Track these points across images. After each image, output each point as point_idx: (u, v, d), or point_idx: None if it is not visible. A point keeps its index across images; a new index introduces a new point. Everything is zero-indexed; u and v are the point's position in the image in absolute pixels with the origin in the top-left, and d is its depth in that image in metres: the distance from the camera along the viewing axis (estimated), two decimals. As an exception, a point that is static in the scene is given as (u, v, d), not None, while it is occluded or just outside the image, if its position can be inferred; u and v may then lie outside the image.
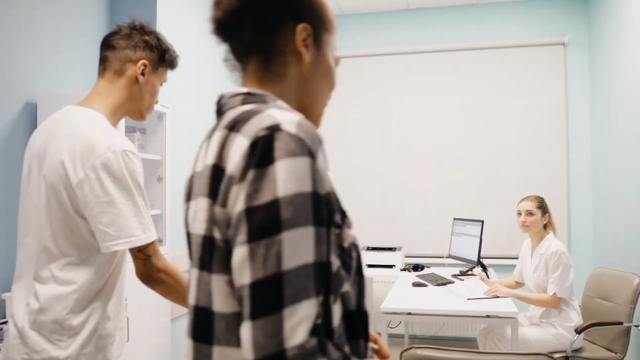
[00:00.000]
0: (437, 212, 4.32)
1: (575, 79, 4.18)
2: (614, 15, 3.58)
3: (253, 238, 0.61)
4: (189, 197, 0.78)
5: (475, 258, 3.49)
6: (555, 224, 3.08)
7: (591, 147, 4.10)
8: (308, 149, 0.63)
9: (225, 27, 0.79)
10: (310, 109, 0.82)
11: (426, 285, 3.20)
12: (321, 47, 0.81)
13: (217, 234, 0.67)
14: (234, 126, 0.68)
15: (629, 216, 3.30)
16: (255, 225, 0.61)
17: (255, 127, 0.65)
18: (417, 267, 3.90)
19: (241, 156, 0.64)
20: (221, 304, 0.67)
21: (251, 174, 0.62)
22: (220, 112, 0.78)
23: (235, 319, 0.66)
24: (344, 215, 0.72)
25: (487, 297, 2.82)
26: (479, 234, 3.48)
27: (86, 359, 1.24)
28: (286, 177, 0.61)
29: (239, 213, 0.63)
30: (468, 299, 2.78)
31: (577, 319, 2.87)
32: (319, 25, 0.80)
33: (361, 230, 4.34)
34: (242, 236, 0.62)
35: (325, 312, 0.65)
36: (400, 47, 4.47)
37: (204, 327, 0.69)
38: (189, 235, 0.78)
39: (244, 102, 0.75)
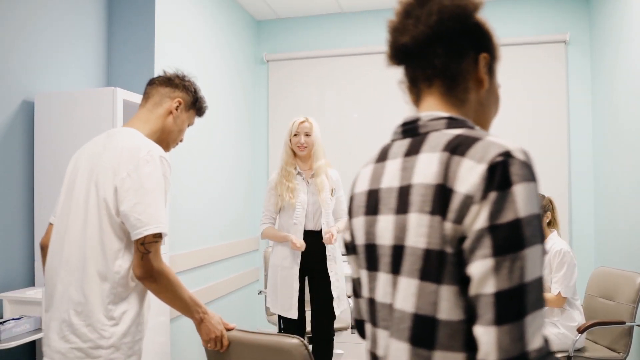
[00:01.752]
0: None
1: (576, 77, 4.16)
2: (616, 12, 3.56)
3: (498, 252, 0.68)
4: (373, 210, 0.86)
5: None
6: (559, 222, 3.06)
7: (592, 145, 4.08)
8: (533, 175, 0.71)
9: (410, 52, 0.85)
10: None
11: (427, 285, 3.18)
12: (493, 75, 0.89)
13: (448, 249, 0.73)
14: (456, 150, 0.75)
15: (631, 215, 3.28)
16: (500, 241, 0.68)
17: (484, 152, 0.72)
18: (418, 267, 3.87)
19: (480, 178, 0.70)
20: (448, 312, 0.73)
21: (492, 195, 0.69)
22: (414, 132, 0.85)
23: (460, 327, 0.72)
24: None
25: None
26: (480, 233, 3.46)
27: (127, 348, 1.41)
28: (524, 200, 0.69)
29: (481, 229, 0.69)
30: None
31: (579, 319, 2.85)
32: (493, 55, 0.88)
33: (362, 229, 4.31)
34: (485, 250, 0.69)
35: None
36: (401, 46, 4.46)
37: (425, 333, 0.75)
38: (371, 246, 0.86)
39: (449, 126, 0.81)
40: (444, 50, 0.83)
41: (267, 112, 4.74)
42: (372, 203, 0.86)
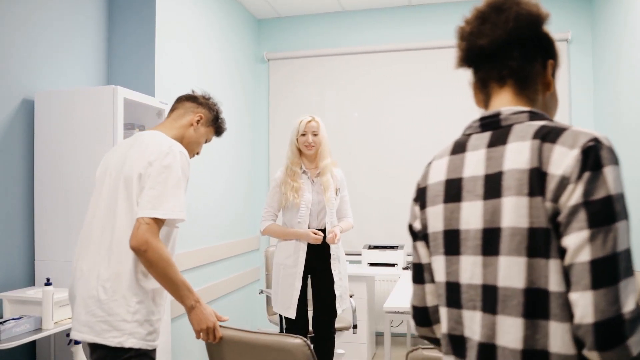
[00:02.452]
0: (439, 210, 4.28)
1: (578, 76, 4.14)
2: (618, 11, 3.55)
3: (593, 224, 0.77)
4: (455, 198, 0.93)
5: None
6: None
7: (595, 144, 4.06)
8: (618, 159, 0.81)
9: (487, 54, 0.94)
10: None
11: (429, 284, 3.16)
12: (555, 80, 0.99)
13: (550, 225, 0.80)
14: (546, 137, 0.83)
15: (633, 214, 3.27)
16: (595, 215, 0.77)
17: (574, 139, 0.81)
18: (419, 266, 3.86)
19: (575, 161, 0.79)
20: (557, 284, 0.80)
21: (586, 175, 0.78)
22: (495, 125, 0.92)
23: (565, 297, 0.80)
24: None
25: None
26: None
27: (148, 325, 1.55)
28: (614, 179, 0.78)
29: (576, 205, 0.78)
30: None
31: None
32: (556, 62, 0.98)
33: (362, 228, 4.31)
34: (580, 223, 0.77)
35: None
36: (402, 44, 4.44)
37: (539, 305, 0.81)
38: (452, 231, 0.93)
39: (531, 119, 0.89)
40: (519, 53, 0.93)
41: (267, 111, 4.73)
42: (453, 191, 0.94)
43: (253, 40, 4.64)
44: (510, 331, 0.83)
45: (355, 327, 3.31)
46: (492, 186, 0.87)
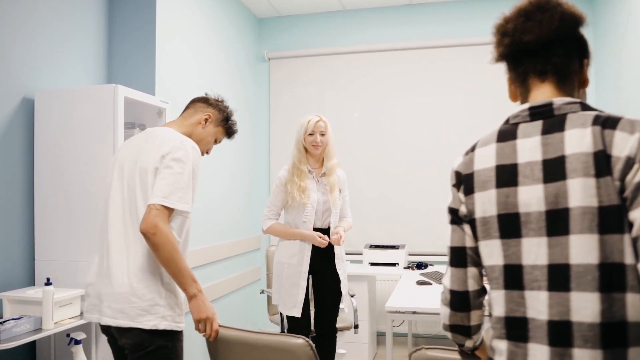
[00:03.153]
0: (440, 209, 4.26)
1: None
2: (620, 11, 3.53)
3: None
4: (510, 183, 0.97)
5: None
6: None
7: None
8: None
9: (531, 49, 1.00)
10: None
11: (430, 284, 3.16)
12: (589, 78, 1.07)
13: (620, 202, 0.87)
14: (605, 124, 0.91)
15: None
16: None
17: (632, 125, 0.89)
18: (420, 265, 3.86)
19: (639, 143, 0.87)
20: (631, 257, 0.86)
21: None
22: (547, 114, 0.98)
23: (637, 269, 0.86)
24: None
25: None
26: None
27: (177, 308, 1.66)
28: None
29: None
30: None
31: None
32: (589, 61, 1.05)
33: (364, 228, 4.30)
34: None
35: None
36: (403, 44, 4.43)
37: (616, 279, 0.87)
38: (510, 215, 0.96)
39: (583, 109, 0.96)
40: (562, 51, 1.00)
41: (268, 110, 4.72)
42: (506, 177, 0.98)
43: (254, 39, 4.63)
44: (586, 306, 0.87)
45: (356, 327, 3.30)
46: (554, 170, 0.92)
